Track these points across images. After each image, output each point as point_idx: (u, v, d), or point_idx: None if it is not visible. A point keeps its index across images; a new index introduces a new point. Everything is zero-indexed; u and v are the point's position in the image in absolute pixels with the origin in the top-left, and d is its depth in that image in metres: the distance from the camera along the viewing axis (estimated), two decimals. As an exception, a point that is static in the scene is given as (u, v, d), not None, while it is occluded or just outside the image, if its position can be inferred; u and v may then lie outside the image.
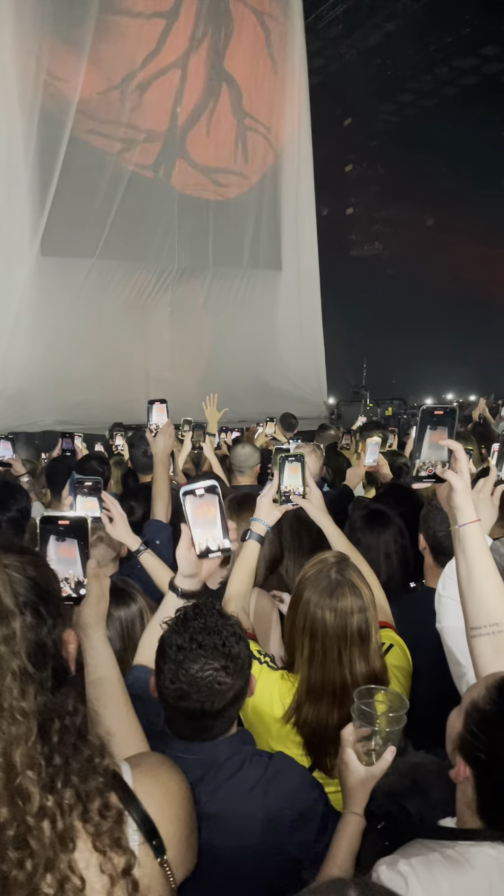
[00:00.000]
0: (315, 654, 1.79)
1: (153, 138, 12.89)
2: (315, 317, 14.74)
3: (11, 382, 11.54)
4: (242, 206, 13.87)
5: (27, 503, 3.18)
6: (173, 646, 1.49)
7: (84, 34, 11.77)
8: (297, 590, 1.87)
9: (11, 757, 0.89)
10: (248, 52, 13.56)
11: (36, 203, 11.90)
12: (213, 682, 1.46)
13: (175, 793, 1.08)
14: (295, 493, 2.18)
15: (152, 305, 13.43)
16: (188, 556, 1.67)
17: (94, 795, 0.96)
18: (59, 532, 1.46)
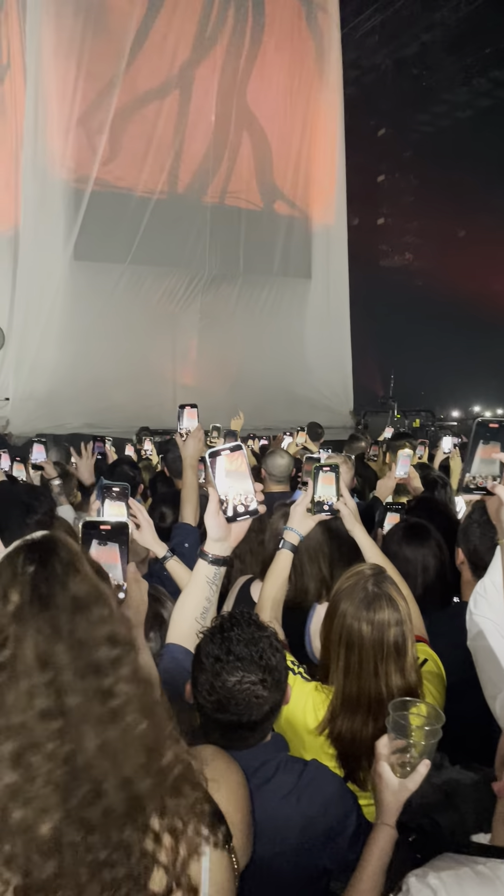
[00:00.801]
0: (351, 667, 1.78)
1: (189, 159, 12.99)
2: (343, 326, 14.72)
3: (41, 385, 11.69)
4: (273, 214, 13.91)
5: (52, 505, 3.20)
6: (210, 656, 1.48)
7: (122, 47, 11.92)
8: (333, 601, 1.86)
9: (156, 721, 0.97)
10: (284, 61, 13.63)
11: (70, 208, 12.06)
12: (250, 696, 1.46)
13: (237, 782, 1.12)
14: (328, 503, 2.17)
15: (182, 311, 13.52)
16: (217, 520, 1.61)
17: (189, 772, 1.02)
18: (101, 537, 1.47)
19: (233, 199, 13.50)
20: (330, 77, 13.86)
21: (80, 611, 0.95)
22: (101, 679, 0.93)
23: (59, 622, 0.93)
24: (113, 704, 0.93)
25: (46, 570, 0.97)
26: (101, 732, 0.91)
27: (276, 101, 13.77)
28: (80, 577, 0.97)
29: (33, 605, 0.94)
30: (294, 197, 14.06)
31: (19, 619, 0.93)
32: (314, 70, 13.85)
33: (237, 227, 13.55)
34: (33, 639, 0.92)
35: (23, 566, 0.97)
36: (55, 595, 0.95)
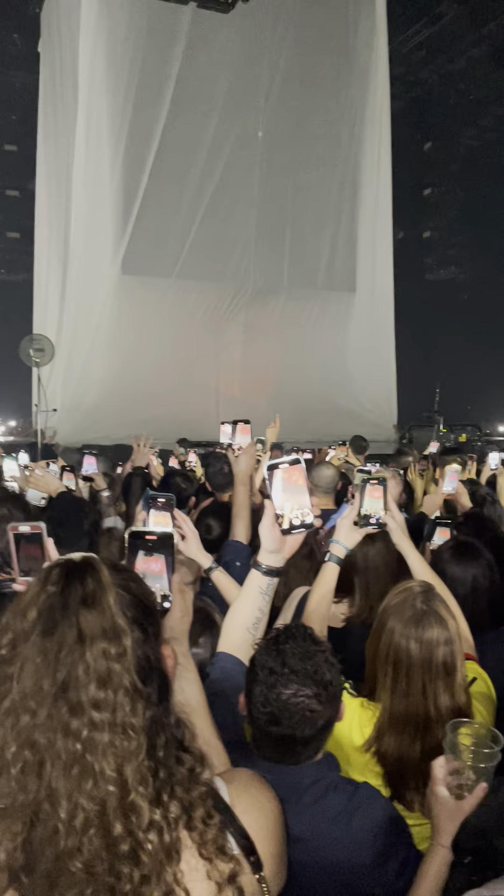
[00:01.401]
0: (398, 685, 1.76)
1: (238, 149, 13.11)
2: (388, 340, 14.65)
3: (88, 396, 11.90)
4: (319, 227, 13.95)
5: (96, 517, 3.21)
6: (265, 668, 1.48)
7: (171, 71, 12.13)
8: (381, 618, 1.84)
9: (124, 773, 0.91)
10: (330, 75, 13.70)
11: (119, 224, 12.30)
12: (304, 710, 1.45)
13: (269, 810, 1.08)
14: (376, 517, 2.15)
15: (226, 325, 13.62)
16: (272, 533, 1.61)
17: (197, 805, 0.97)
18: (147, 547, 1.48)
19: (278, 213, 13.58)
20: (377, 91, 13.88)
21: (81, 646, 0.93)
22: (73, 720, 0.91)
23: (54, 653, 0.93)
24: (75, 748, 0.90)
25: (64, 597, 0.96)
26: (65, 774, 0.90)
27: (324, 112, 13.83)
28: (97, 611, 0.96)
29: (40, 629, 0.94)
30: (340, 210, 14.07)
31: (26, 639, 0.94)
32: (361, 84, 13.88)
33: (282, 240, 13.62)
34: (32, 662, 0.93)
35: (48, 585, 0.98)
36: (61, 624, 0.94)
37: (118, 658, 0.94)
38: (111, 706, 0.92)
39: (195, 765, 1.00)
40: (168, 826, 0.93)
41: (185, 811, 0.96)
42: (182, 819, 0.95)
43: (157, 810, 0.93)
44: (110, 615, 0.96)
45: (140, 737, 0.93)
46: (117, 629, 0.96)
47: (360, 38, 13.71)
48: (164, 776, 0.95)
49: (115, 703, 0.93)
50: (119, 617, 0.97)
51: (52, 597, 0.96)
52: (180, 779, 0.97)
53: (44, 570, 1.01)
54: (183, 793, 0.97)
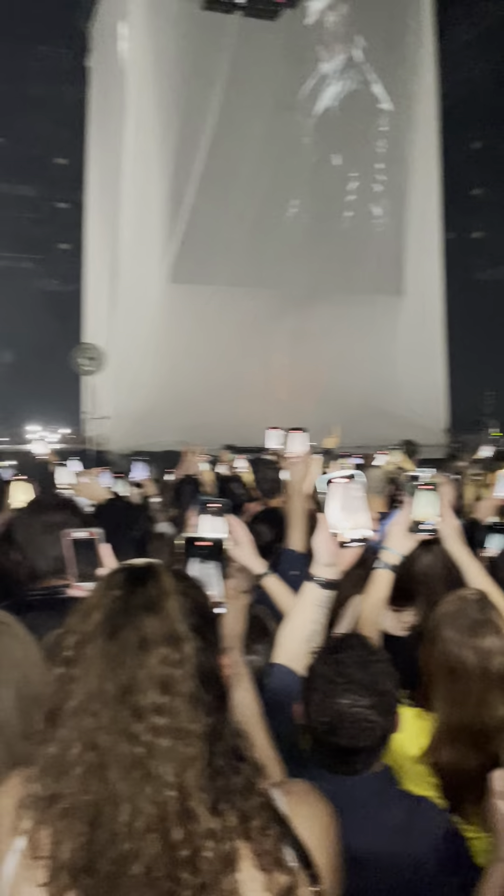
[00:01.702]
0: (454, 695, 1.73)
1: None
2: (437, 342, 14.46)
3: (138, 403, 12.07)
4: (366, 230, 13.87)
5: (147, 524, 3.23)
6: (322, 677, 1.47)
7: (218, 80, 12.24)
8: (435, 626, 1.82)
9: (184, 779, 0.92)
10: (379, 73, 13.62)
11: (167, 233, 12.46)
12: (361, 720, 1.44)
13: (326, 823, 1.07)
14: (429, 522, 2.11)
15: (273, 330, 13.64)
16: (328, 545, 1.64)
17: (254, 815, 0.97)
18: (200, 552, 1.49)
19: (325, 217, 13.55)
20: (425, 91, 13.76)
21: (143, 650, 0.95)
22: (134, 723, 0.92)
23: (116, 657, 0.95)
24: (137, 751, 0.92)
25: (127, 601, 0.98)
26: (126, 777, 0.91)
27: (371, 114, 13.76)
28: (159, 617, 0.97)
29: (103, 632, 0.96)
30: (388, 212, 13.97)
31: (91, 641, 0.96)
32: (409, 84, 13.77)
33: (329, 244, 13.58)
34: (96, 665, 0.95)
35: (111, 589, 0.99)
36: (124, 628, 0.96)
37: (178, 664, 0.95)
38: (171, 712, 0.93)
39: (252, 775, 1.00)
40: (226, 835, 0.93)
41: (242, 821, 0.95)
42: (240, 829, 0.95)
43: (215, 818, 0.93)
44: (171, 621, 0.97)
45: (199, 744, 0.94)
46: (178, 635, 0.97)
47: (408, 37, 13.60)
48: (221, 785, 0.96)
49: (176, 708, 0.93)
50: (180, 623, 0.98)
51: (115, 601, 0.98)
52: (238, 788, 0.97)
53: (108, 574, 1.04)
54: (241, 802, 0.96)
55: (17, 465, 6.57)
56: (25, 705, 1.31)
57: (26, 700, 1.32)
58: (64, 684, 0.97)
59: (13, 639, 1.42)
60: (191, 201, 12.42)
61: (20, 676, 1.37)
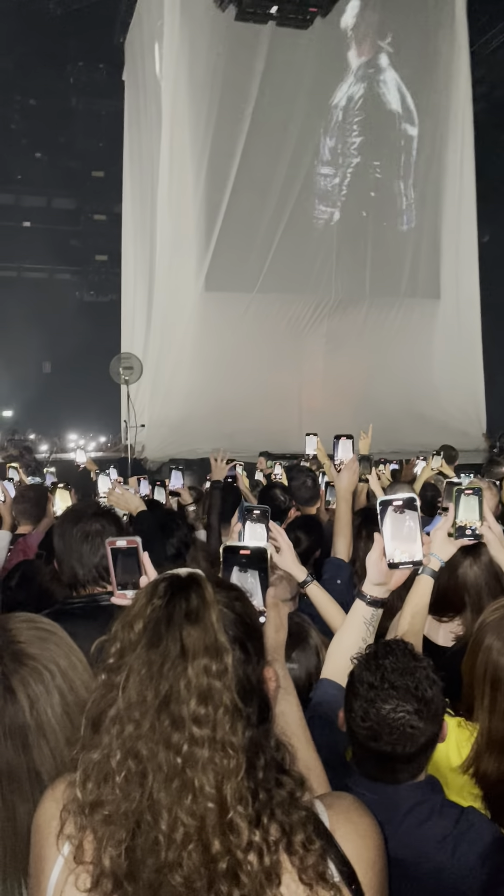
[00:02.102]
0: (497, 704, 1.70)
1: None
2: (475, 346, 14.28)
3: (174, 412, 12.16)
4: (401, 234, 13.80)
5: (186, 533, 3.22)
6: (364, 683, 1.47)
7: (251, 89, 12.32)
8: (478, 635, 1.80)
9: (223, 790, 0.91)
10: (411, 79, 13.57)
11: (202, 242, 12.55)
12: (405, 726, 1.43)
13: (371, 838, 1.05)
14: (472, 528, 2.07)
15: (308, 336, 13.63)
16: (379, 565, 1.66)
17: (297, 829, 0.96)
18: (241, 562, 1.49)
19: (359, 222, 13.51)
20: (459, 94, 13.65)
21: (184, 661, 0.94)
22: (174, 733, 0.92)
23: (157, 666, 0.95)
24: (176, 761, 0.91)
25: (169, 611, 0.98)
26: (166, 787, 0.91)
27: (405, 117, 13.70)
28: (200, 627, 0.97)
29: (145, 641, 0.97)
30: (422, 215, 13.88)
31: (133, 649, 0.97)
32: (443, 87, 13.68)
33: (363, 248, 13.53)
34: (137, 673, 0.95)
35: (154, 599, 1.00)
36: (165, 638, 0.96)
37: (219, 675, 0.95)
38: (211, 722, 0.93)
39: (295, 788, 0.99)
40: (268, 848, 0.93)
41: (285, 834, 0.95)
42: (282, 842, 0.94)
43: (256, 831, 0.93)
44: (213, 632, 0.97)
45: (239, 756, 0.93)
46: (219, 646, 0.96)
47: (440, 41, 13.52)
48: (264, 798, 0.95)
49: (216, 720, 0.93)
50: (221, 634, 0.97)
51: (157, 610, 0.98)
52: (280, 801, 0.97)
53: (151, 584, 1.04)
54: (283, 816, 0.96)
55: (58, 473, 6.69)
56: (71, 712, 1.32)
57: (72, 707, 1.34)
58: (107, 692, 0.98)
59: (58, 646, 1.44)
60: (224, 210, 12.50)
61: (65, 684, 1.39)
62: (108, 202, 18.56)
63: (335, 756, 1.55)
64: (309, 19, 10.19)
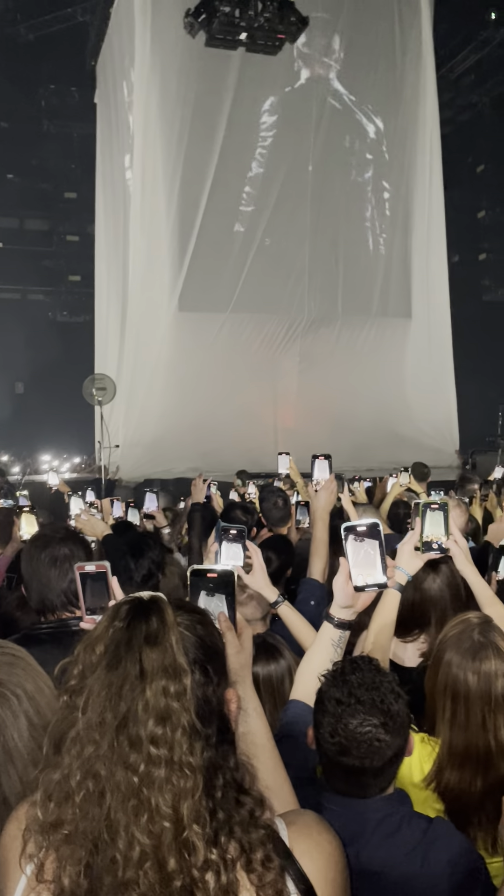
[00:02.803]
0: (457, 718, 1.73)
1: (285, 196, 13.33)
2: (446, 364, 14.47)
3: (148, 432, 12.14)
4: (372, 254, 13.98)
5: (158, 554, 3.19)
6: (332, 699, 1.49)
7: (222, 109, 12.49)
8: (438, 650, 1.83)
9: (180, 810, 0.92)
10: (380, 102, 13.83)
11: (175, 262, 12.62)
12: (372, 739, 1.45)
13: (330, 854, 1.06)
14: (438, 542, 2.10)
15: (282, 356, 13.71)
16: (345, 589, 1.69)
17: (256, 847, 0.97)
18: (208, 585, 1.49)
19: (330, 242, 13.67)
20: (426, 117, 13.93)
21: (142, 682, 0.96)
22: (132, 753, 0.93)
23: (117, 687, 0.96)
24: (133, 781, 0.92)
25: (129, 633, 0.99)
26: (123, 806, 0.92)
27: (373, 142, 13.96)
28: (159, 649, 0.98)
29: (105, 663, 0.98)
30: (393, 236, 14.09)
31: (92, 671, 0.98)
32: (410, 112, 13.96)
33: (335, 269, 13.69)
34: (97, 695, 0.96)
35: (115, 621, 1.01)
36: (125, 660, 0.97)
37: (177, 696, 0.96)
38: (168, 743, 0.94)
39: (255, 808, 1.00)
40: (225, 866, 0.94)
41: (244, 852, 0.96)
42: (241, 860, 0.95)
43: (214, 850, 0.93)
44: (172, 654, 0.98)
45: (197, 776, 0.94)
46: (178, 668, 0.97)
47: (407, 67, 13.82)
48: (222, 817, 0.96)
49: (173, 740, 0.94)
50: (180, 656, 0.99)
51: (118, 632, 1.00)
52: (240, 820, 0.97)
53: (113, 607, 1.05)
54: (242, 834, 0.97)
55: (30, 496, 6.64)
56: (38, 737, 1.32)
57: (39, 732, 1.34)
58: (68, 713, 0.99)
59: (25, 671, 1.44)
60: (197, 230, 12.59)
61: (32, 708, 1.39)
62: (80, 223, 18.62)
63: (306, 774, 1.56)
64: (278, 45, 10.38)
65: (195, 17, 9.76)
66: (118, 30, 13.38)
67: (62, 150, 18.33)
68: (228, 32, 9.88)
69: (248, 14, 9.70)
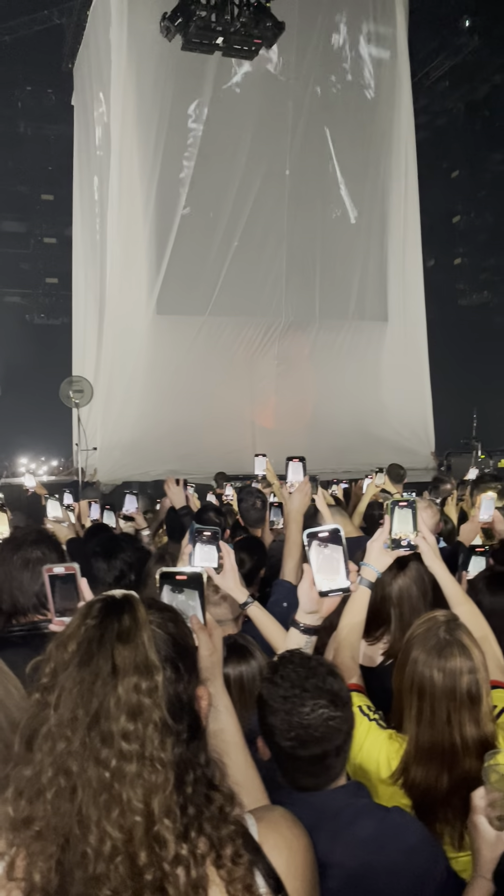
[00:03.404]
0: (423, 715, 1.75)
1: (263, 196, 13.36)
2: (422, 367, 14.59)
3: (126, 435, 12.10)
4: (348, 258, 14.06)
5: (131, 555, 3.19)
6: (277, 698, 1.52)
7: (199, 112, 12.51)
8: (405, 648, 1.85)
9: (151, 804, 0.94)
10: (354, 113, 13.93)
11: (153, 265, 12.60)
12: (326, 720, 1.49)
13: (298, 848, 1.08)
14: (406, 539, 2.11)
15: (259, 358, 13.74)
16: (310, 594, 1.72)
17: (226, 843, 0.98)
18: (178, 586, 1.50)
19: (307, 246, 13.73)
20: (402, 123, 14.05)
21: (114, 678, 0.97)
22: (103, 749, 0.94)
23: (88, 684, 0.97)
24: (104, 776, 0.93)
25: (101, 631, 1.00)
26: (94, 801, 0.93)
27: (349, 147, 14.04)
28: (131, 646, 0.99)
29: (77, 660, 0.99)
30: (369, 240, 14.18)
31: (65, 669, 0.99)
32: (386, 118, 14.07)
33: (312, 272, 13.76)
34: (69, 692, 0.97)
35: (87, 619, 1.02)
36: (97, 657, 0.98)
37: (149, 693, 0.97)
38: (140, 738, 0.95)
39: (225, 804, 1.02)
40: (195, 862, 0.95)
41: (213, 848, 0.97)
42: (210, 856, 0.97)
43: (184, 845, 0.95)
44: (144, 651, 1.00)
45: (167, 771, 0.96)
46: (150, 665, 0.99)
47: (382, 73, 13.95)
48: (192, 813, 0.97)
49: (145, 736, 0.95)
50: (152, 653, 1.00)
51: (90, 630, 1.01)
52: (210, 816, 0.99)
53: (86, 605, 1.07)
54: (212, 830, 0.98)
55: (7, 499, 6.60)
56: (6, 739, 1.32)
57: (6, 734, 1.34)
58: (40, 710, 1.00)
59: None
60: (175, 233, 12.58)
61: (1, 712, 1.39)
62: (58, 225, 18.50)
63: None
64: (254, 50, 10.41)
65: (171, 21, 9.76)
66: (95, 32, 13.34)
67: (39, 153, 18.21)
68: (205, 36, 9.89)
69: (225, 18, 9.72)
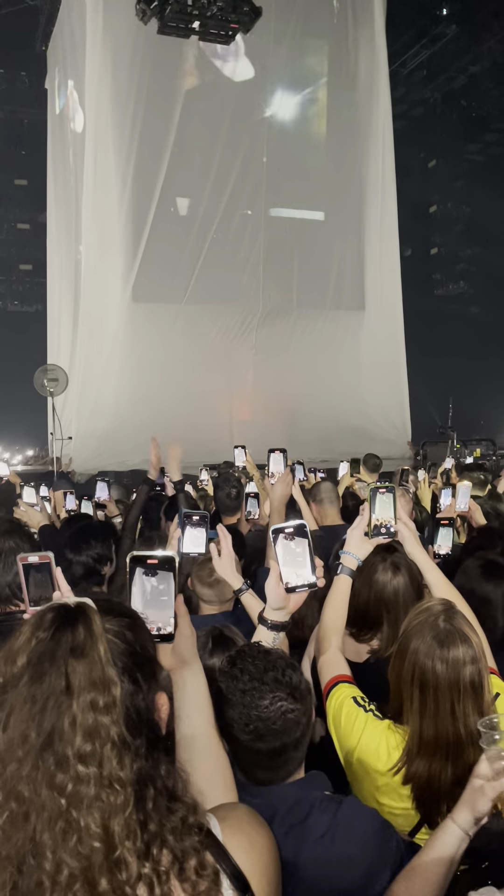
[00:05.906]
0: (426, 707, 1.70)
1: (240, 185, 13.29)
2: (399, 356, 14.67)
3: (102, 424, 12.01)
4: (326, 247, 14.06)
5: (104, 549, 3.17)
6: (236, 692, 1.51)
7: (176, 97, 12.37)
8: (403, 639, 1.79)
9: (110, 828, 0.89)
10: (333, 96, 13.89)
11: (129, 253, 12.48)
12: (285, 713, 1.49)
13: (263, 847, 1.07)
14: (387, 526, 2.10)
15: (237, 347, 13.71)
16: (277, 591, 1.71)
17: (189, 854, 0.95)
18: (149, 570, 1.45)
19: (284, 235, 13.70)
20: (379, 112, 14.04)
21: (69, 697, 0.92)
22: (58, 773, 0.89)
23: (41, 703, 0.91)
24: (60, 802, 0.88)
25: (54, 644, 0.95)
26: (49, 828, 0.88)
27: (326, 135, 14.02)
28: (86, 661, 0.94)
29: (28, 676, 0.93)
30: (346, 230, 14.18)
31: (14, 686, 0.93)
32: (363, 106, 14.05)
33: (290, 261, 13.74)
34: (19, 710, 0.92)
35: (38, 632, 0.97)
36: (50, 673, 0.93)
37: (106, 710, 0.93)
38: (97, 760, 0.91)
39: (187, 813, 0.99)
40: (158, 879, 0.92)
41: (176, 861, 0.94)
42: (174, 870, 0.94)
43: (146, 863, 0.92)
44: (100, 666, 0.95)
45: (127, 790, 0.92)
46: (106, 680, 0.94)
47: (360, 61, 13.91)
48: (154, 829, 0.94)
49: (102, 755, 0.91)
50: (109, 667, 0.96)
51: (41, 644, 0.95)
52: (171, 829, 0.96)
53: (37, 615, 1.00)
54: (175, 842, 0.95)
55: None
56: None
57: None
58: None
59: None
60: (151, 220, 12.47)
61: None
62: (31, 211, 18.20)
63: None
64: (231, 35, 10.32)
65: (147, 4, 9.62)
66: (69, 14, 13.11)
67: (12, 137, 17.89)
68: (181, 20, 9.78)
69: (201, 2, 9.61)
